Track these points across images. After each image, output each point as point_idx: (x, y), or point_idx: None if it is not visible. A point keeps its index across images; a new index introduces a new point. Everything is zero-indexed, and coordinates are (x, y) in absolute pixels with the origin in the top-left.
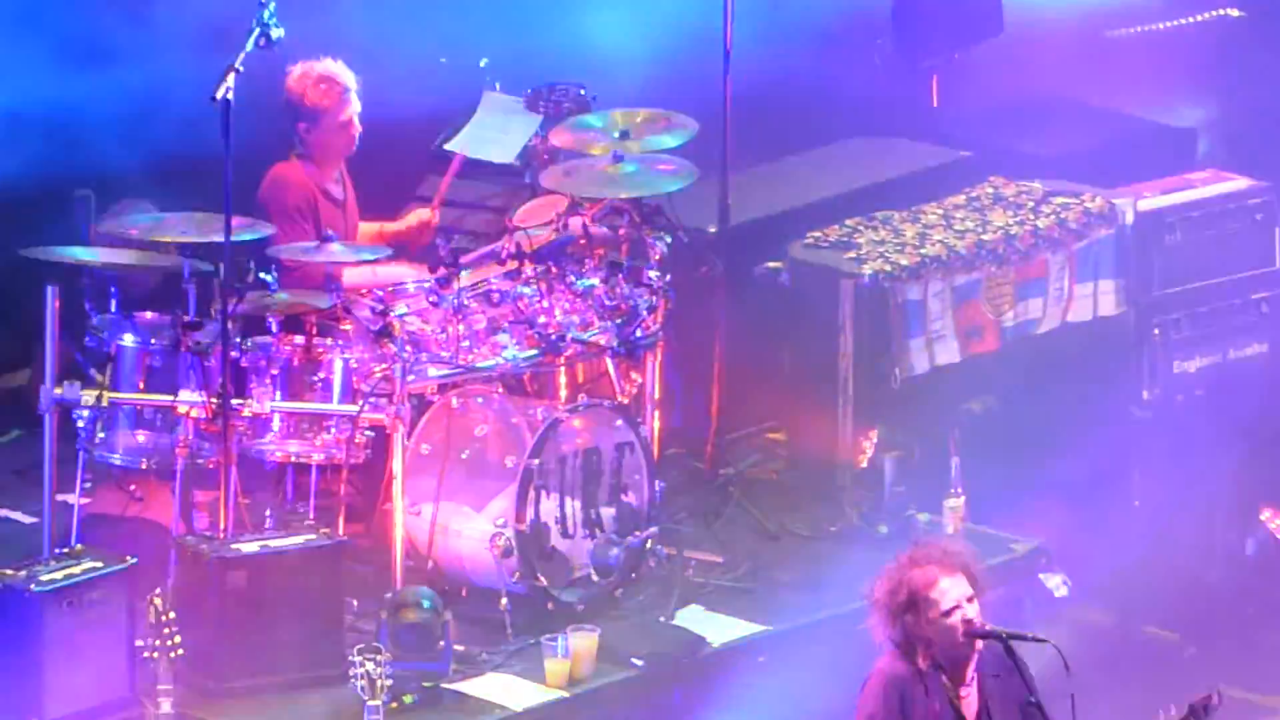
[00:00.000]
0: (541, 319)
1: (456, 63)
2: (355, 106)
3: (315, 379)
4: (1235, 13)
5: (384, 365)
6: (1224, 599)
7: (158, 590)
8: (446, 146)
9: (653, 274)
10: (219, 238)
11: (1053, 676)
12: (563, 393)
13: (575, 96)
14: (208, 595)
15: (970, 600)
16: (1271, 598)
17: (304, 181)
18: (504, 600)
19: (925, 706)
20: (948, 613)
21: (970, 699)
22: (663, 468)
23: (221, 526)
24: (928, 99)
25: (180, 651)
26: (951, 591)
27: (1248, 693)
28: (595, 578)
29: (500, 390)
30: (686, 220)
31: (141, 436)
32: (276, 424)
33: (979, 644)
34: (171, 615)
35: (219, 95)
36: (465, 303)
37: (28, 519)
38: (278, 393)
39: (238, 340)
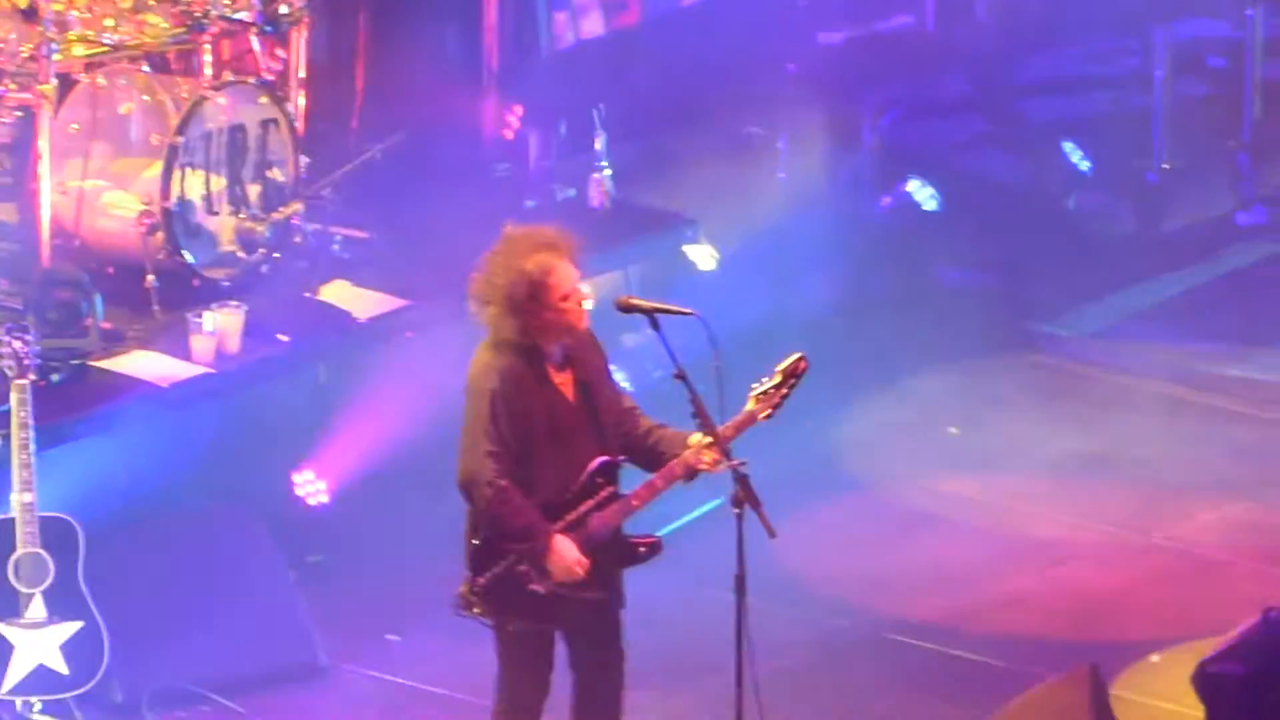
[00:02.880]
0: None
1: None
2: None
3: None
4: None
5: (30, 44)
6: (871, 267)
7: None
8: None
9: None
10: None
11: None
12: (208, 70)
13: None
14: None
15: (579, 280)
16: (920, 269)
17: None
18: (150, 277)
19: (537, 396)
20: (566, 296)
21: (568, 384)
22: (308, 144)
23: None
24: None
25: None
26: (568, 276)
27: (894, 361)
28: (241, 254)
29: (145, 69)
30: None
31: None
32: None
33: (579, 332)
34: None
35: None
36: None
37: None
38: None
39: None
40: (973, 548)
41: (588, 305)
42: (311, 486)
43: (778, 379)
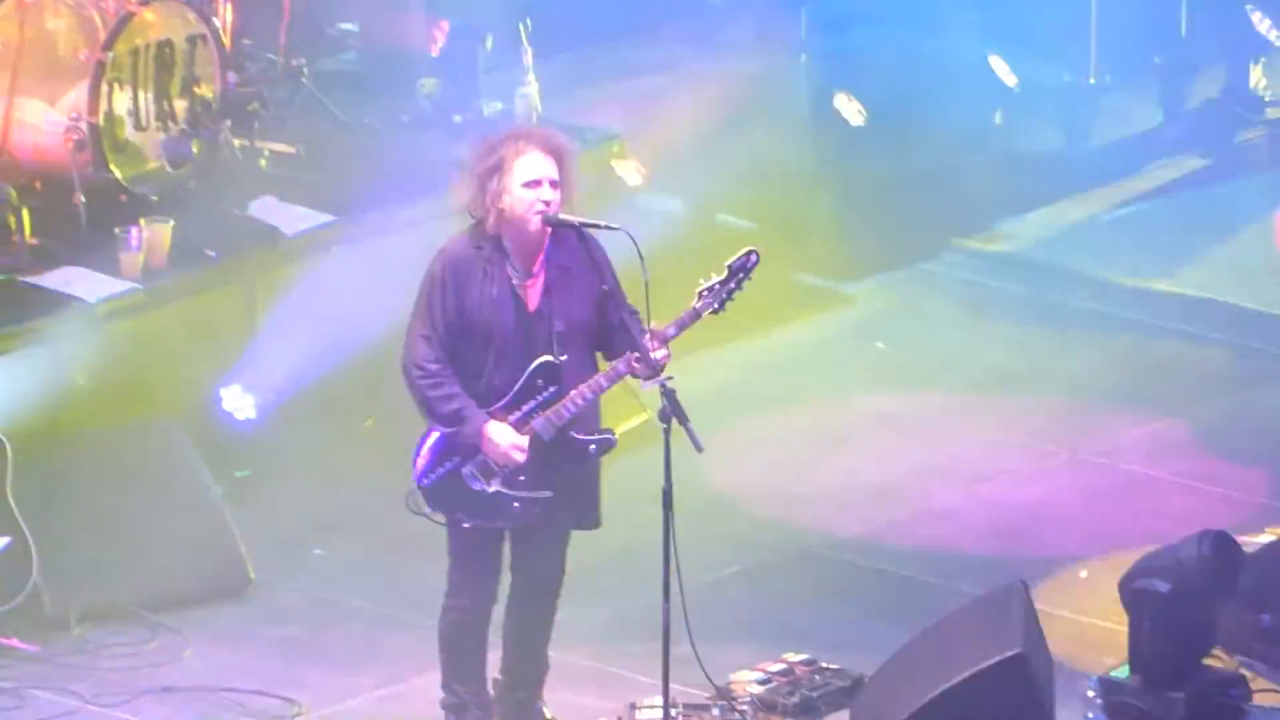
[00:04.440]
0: None
1: None
2: None
3: None
4: None
5: None
6: (798, 186)
7: None
8: None
9: None
10: None
11: (628, 264)
12: None
13: None
14: None
15: (554, 186)
16: (847, 185)
17: None
18: (78, 193)
19: (481, 289)
20: (530, 185)
21: (534, 289)
22: (235, 59)
23: None
24: None
25: None
26: (539, 166)
27: (822, 279)
28: (169, 169)
29: None
30: None
31: None
32: None
33: (549, 231)
34: None
35: None
36: None
37: None
38: None
39: None
40: (899, 463)
41: (546, 201)
42: (239, 401)
43: (725, 274)
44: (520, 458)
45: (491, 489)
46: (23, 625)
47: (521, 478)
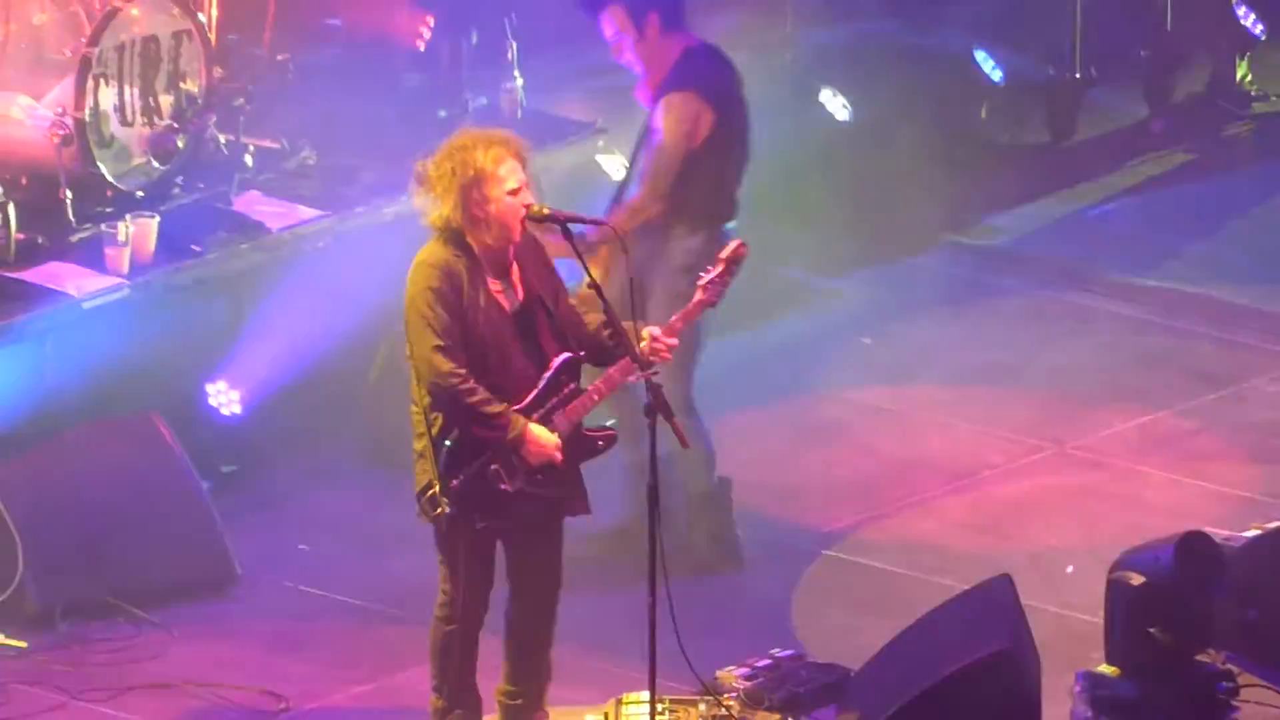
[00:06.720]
0: None
1: None
2: None
3: None
4: None
5: None
6: (784, 181)
7: None
8: None
9: None
10: None
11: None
12: None
13: None
14: None
15: (527, 186)
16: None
17: None
18: (64, 189)
19: (471, 296)
20: (514, 192)
21: (510, 293)
22: (220, 54)
23: None
24: None
25: None
26: (517, 172)
27: (808, 273)
28: (155, 164)
29: None
30: None
31: None
32: None
33: (518, 237)
34: None
35: None
36: None
37: None
38: None
39: None
40: (885, 458)
41: (527, 202)
42: (225, 397)
43: (721, 267)
44: (559, 457)
45: (514, 487)
46: (9, 621)
47: (539, 475)
